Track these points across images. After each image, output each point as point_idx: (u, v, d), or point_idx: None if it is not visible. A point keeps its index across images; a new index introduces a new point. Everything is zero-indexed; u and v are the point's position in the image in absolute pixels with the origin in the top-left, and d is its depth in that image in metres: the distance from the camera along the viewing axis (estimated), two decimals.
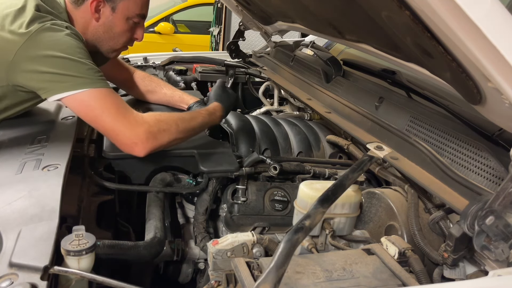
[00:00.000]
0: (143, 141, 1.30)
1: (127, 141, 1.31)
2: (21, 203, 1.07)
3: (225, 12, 4.93)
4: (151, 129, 1.31)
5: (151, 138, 1.31)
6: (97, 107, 1.29)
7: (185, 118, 1.44)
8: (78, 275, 0.91)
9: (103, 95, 1.30)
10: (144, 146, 1.31)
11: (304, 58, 2.21)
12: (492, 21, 0.75)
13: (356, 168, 1.17)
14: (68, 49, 1.29)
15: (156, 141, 1.32)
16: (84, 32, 1.46)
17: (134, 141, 1.30)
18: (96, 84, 1.29)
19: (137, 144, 1.30)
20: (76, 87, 1.27)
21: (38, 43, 1.27)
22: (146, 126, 1.31)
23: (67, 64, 1.27)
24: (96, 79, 1.30)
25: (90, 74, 1.29)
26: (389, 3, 0.91)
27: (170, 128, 1.36)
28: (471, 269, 1.02)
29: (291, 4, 1.75)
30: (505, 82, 0.82)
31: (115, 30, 1.50)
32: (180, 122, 1.40)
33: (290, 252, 0.85)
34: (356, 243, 1.29)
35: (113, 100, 1.32)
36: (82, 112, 1.32)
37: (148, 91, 1.91)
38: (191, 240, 1.44)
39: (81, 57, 1.30)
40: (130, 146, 1.31)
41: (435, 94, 1.45)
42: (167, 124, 1.36)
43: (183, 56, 2.70)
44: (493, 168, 1.05)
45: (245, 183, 1.43)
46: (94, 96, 1.29)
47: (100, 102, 1.29)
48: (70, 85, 1.27)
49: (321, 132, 1.81)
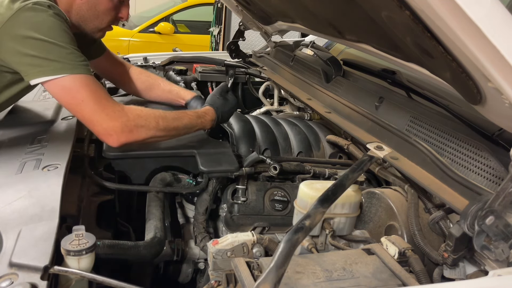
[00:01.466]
0: (118, 133, 1.30)
1: (103, 132, 1.31)
2: (21, 203, 1.07)
3: (225, 12, 4.93)
4: (129, 123, 1.31)
5: (126, 131, 1.31)
6: (76, 94, 1.28)
7: (167, 116, 1.43)
8: (78, 275, 0.91)
9: (83, 83, 1.28)
10: (118, 138, 1.31)
11: (304, 58, 2.21)
12: (492, 21, 0.75)
13: (356, 168, 1.17)
14: (50, 31, 1.25)
15: (131, 135, 1.32)
16: (67, 11, 1.41)
17: (109, 133, 1.31)
18: (76, 70, 1.27)
19: (111, 136, 1.31)
20: (55, 72, 1.25)
21: (20, 23, 1.24)
22: (124, 119, 1.31)
23: (47, 48, 1.24)
24: (76, 64, 1.27)
25: (71, 59, 1.26)
26: (389, 3, 0.91)
27: (148, 125, 1.35)
28: (471, 269, 1.02)
29: (291, 4, 1.75)
30: (505, 82, 0.82)
31: (99, 8, 1.47)
32: (161, 120, 1.39)
33: (290, 252, 0.85)
34: (356, 243, 1.29)
35: (93, 89, 1.29)
36: (61, 98, 1.31)
37: (145, 88, 1.87)
38: (191, 240, 1.44)
39: (62, 40, 1.26)
40: (104, 136, 1.32)
41: (435, 94, 1.45)
42: (146, 120, 1.35)
43: (183, 56, 2.70)
44: (493, 168, 1.05)
45: (245, 183, 1.43)
46: (73, 83, 1.27)
47: (79, 90, 1.27)
48: (49, 69, 1.25)
49: (321, 132, 1.81)
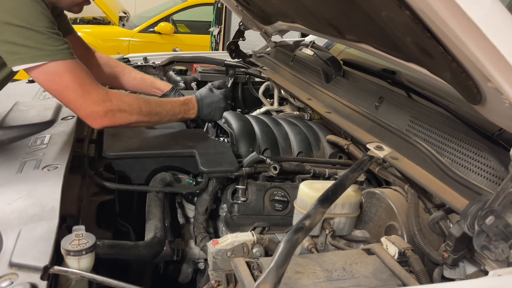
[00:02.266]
0: (101, 117, 1.34)
1: (86, 116, 1.35)
2: (21, 203, 1.07)
3: (225, 12, 4.93)
4: (112, 108, 1.34)
5: (109, 115, 1.34)
6: (59, 81, 1.28)
7: (151, 101, 1.45)
8: (78, 275, 0.91)
9: (66, 68, 1.28)
10: (101, 122, 1.36)
11: (304, 58, 2.21)
12: (492, 21, 0.75)
13: (356, 168, 1.17)
14: (28, 16, 1.23)
15: (114, 119, 1.36)
16: None
17: (93, 117, 1.34)
18: (57, 56, 1.26)
19: (95, 119, 1.35)
20: (35, 59, 1.24)
21: None
22: (108, 104, 1.33)
23: (25, 34, 1.22)
24: (56, 50, 1.26)
25: (50, 45, 1.25)
26: (389, 3, 0.91)
27: (131, 110, 1.38)
28: (471, 269, 1.02)
29: (291, 4, 1.75)
30: (505, 82, 0.82)
31: None
32: (144, 105, 1.41)
33: (290, 252, 0.85)
34: (356, 243, 1.29)
35: (76, 74, 1.30)
36: (44, 84, 1.32)
37: (113, 74, 1.81)
38: (191, 240, 1.44)
39: (41, 25, 1.24)
40: (88, 119, 1.36)
41: (435, 94, 1.45)
42: (130, 105, 1.38)
43: (183, 56, 2.70)
44: (493, 168, 1.05)
45: (245, 183, 1.43)
46: (56, 69, 1.27)
47: (62, 76, 1.28)
48: (28, 57, 1.24)
49: (321, 132, 1.81)
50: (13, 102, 1.75)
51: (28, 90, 2.03)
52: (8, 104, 1.73)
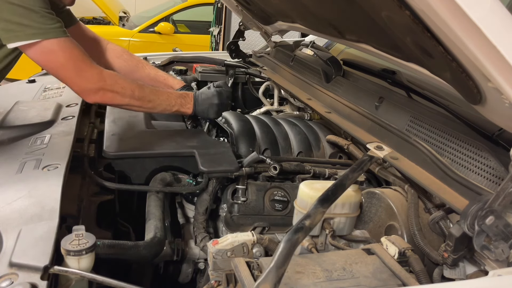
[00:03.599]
0: (94, 94, 1.39)
1: (80, 91, 1.41)
2: (21, 203, 1.07)
3: (225, 12, 4.93)
4: (105, 87, 1.39)
5: (101, 93, 1.39)
6: (54, 58, 1.31)
7: (144, 88, 1.48)
8: (78, 275, 0.91)
9: (61, 46, 1.31)
10: (94, 98, 1.41)
11: (304, 58, 2.21)
12: (492, 21, 0.75)
13: (356, 168, 1.17)
14: None
15: (105, 97, 1.41)
16: None
17: (86, 92, 1.40)
18: (50, 34, 1.28)
19: (89, 95, 1.41)
20: (29, 37, 1.26)
21: None
22: (101, 83, 1.38)
23: (19, 12, 1.24)
24: (49, 28, 1.28)
25: (43, 23, 1.27)
26: (389, 3, 0.91)
27: (124, 92, 1.42)
28: (471, 269, 1.02)
29: (291, 4, 1.75)
30: (505, 82, 0.82)
31: None
32: (137, 90, 1.45)
33: (290, 252, 0.85)
34: (356, 243, 1.29)
35: (70, 52, 1.33)
36: (40, 62, 1.34)
37: (126, 68, 1.78)
38: (191, 240, 1.44)
39: (35, 4, 1.25)
40: (82, 94, 1.42)
41: (435, 94, 1.45)
42: (123, 88, 1.42)
43: (183, 56, 2.70)
44: (493, 168, 1.05)
45: (245, 183, 1.43)
46: (50, 47, 1.29)
47: (57, 54, 1.31)
48: (23, 34, 1.26)
49: (321, 132, 1.81)
50: (13, 102, 1.75)
51: (28, 90, 2.03)
52: (8, 104, 1.73)
